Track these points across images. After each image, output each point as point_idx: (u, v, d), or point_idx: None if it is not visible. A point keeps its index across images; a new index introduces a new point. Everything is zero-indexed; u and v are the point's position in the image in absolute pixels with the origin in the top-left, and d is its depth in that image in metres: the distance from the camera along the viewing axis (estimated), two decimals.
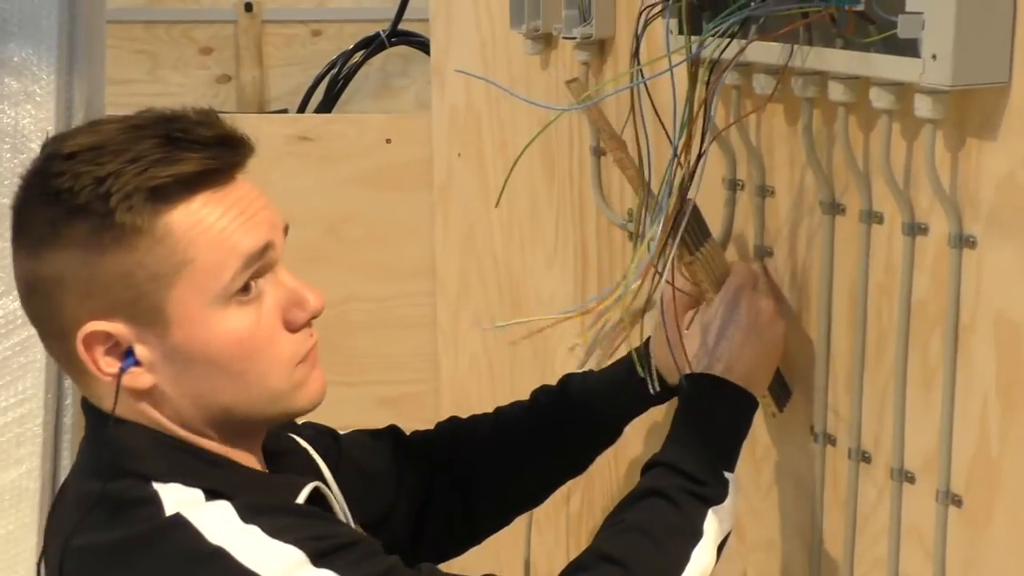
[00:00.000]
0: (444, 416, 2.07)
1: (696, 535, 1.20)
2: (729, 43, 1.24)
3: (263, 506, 1.07)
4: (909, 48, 1.09)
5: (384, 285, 2.10)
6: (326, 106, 2.34)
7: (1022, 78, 1.07)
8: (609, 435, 1.45)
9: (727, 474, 1.24)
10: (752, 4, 1.21)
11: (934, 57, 1.06)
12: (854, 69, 1.16)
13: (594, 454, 1.46)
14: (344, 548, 1.06)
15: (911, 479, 1.26)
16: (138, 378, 1.09)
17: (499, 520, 1.47)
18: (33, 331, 1.87)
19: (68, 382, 1.96)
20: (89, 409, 1.15)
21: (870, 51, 1.14)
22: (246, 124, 2.10)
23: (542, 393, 1.46)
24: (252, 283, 1.10)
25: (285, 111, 4.41)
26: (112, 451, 1.10)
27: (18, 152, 1.90)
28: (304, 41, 4.55)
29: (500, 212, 1.90)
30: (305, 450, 1.27)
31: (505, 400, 1.96)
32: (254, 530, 1.04)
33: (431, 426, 2.00)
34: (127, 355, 1.08)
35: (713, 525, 1.21)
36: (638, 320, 1.38)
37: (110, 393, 1.09)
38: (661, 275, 1.34)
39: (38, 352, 1.92)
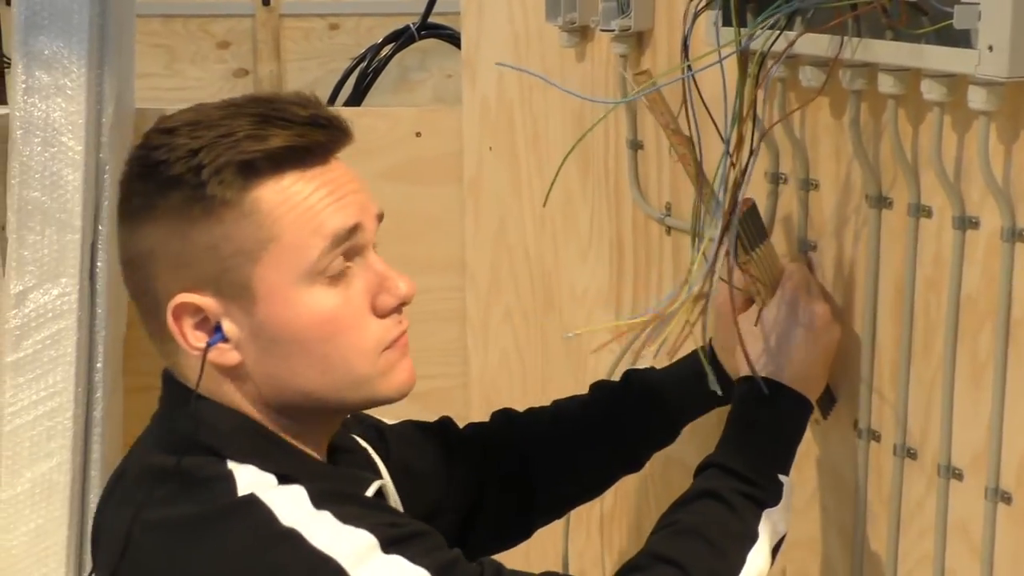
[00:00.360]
0: (474, 411, 2.07)
1: (751, 537, 1.19)
2: (778, 36, 1.23)
3: (335, 493, 1.07)
4: (963, 39, 1.08)
5: (414, 279, 2.09)
6: (355, 99, 2.33)
7: None
8: (668, 433, 1.44)
9: (782, 477, 1.23)
10: None
11: (990, 48, 1.05)
12: (906, 61, 1.15)
13: (652, 451, 1.45)
14: (413, 537, 1.07)
15: (959, 476, 1.24)
16: (224, 354, 1.09)
17: (554, 514, 1.46)
18: (64, 324, 1.91)
19: (99, 376, 1.96)
20: (170, 383, 1.15)
21: (922, 42, 1.12)
22: None
23: (602, 387, 1.46)
24: (341, 264, 1.09)
25: None
26: (191, 426, 1.10)
27: (48, 145, 1.90)
28: (321, 35, 4.55)
29: (532, 206, 1.89)
30: (365, 449, 1.27)
31: (535, 396, 1.96)
32: (326, 515, 1.04)
33: (461, 421, 2.00)
34: (216, 330, 1.09)
35: (767, 528, 1.20)
36: (700, 320, 1.36)
37: (196, 367, 1.09)
38: (715, 273, 1.32)
39: (69, 346, 1.91)
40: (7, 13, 3.47)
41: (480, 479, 1.39)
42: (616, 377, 1.49)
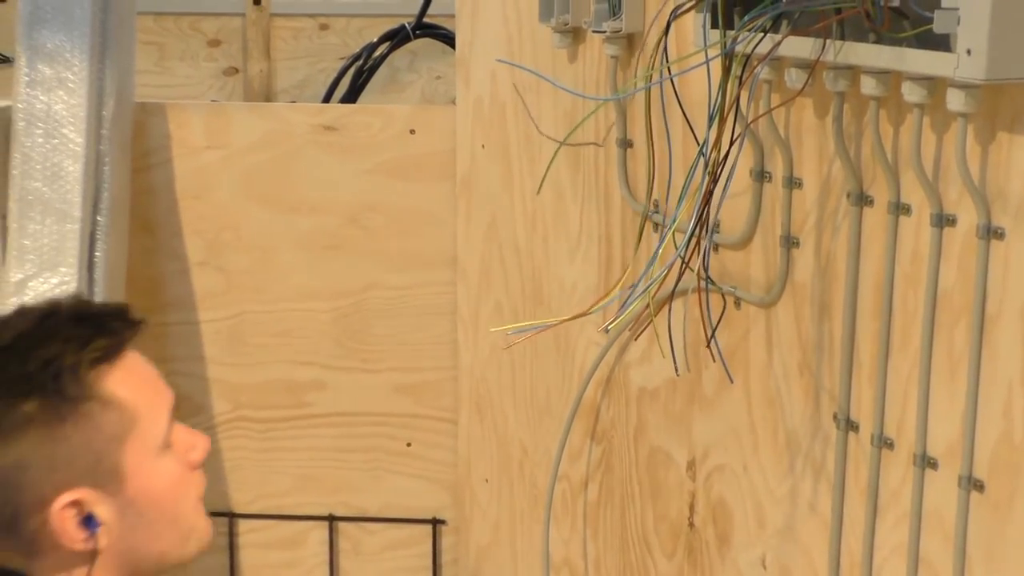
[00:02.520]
0: (463, 404, 2.11)
1: None
2: (762, 38, 1.27)
3: None
4: (943, 43, 1.12)
5: (405, 274, 2.13)
6: (350, 97, 2.37)
7: None
8: None
9: None
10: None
11: (969, 52, 1.09)
12: (887, 63, 1.20)
13: None
14: None
15: (934, 465, 1.29)
16: (99, 540, 1.17)
17: None
18: None
19: None
20: None
21: (903, 45, 1.17)
22: (273, 113, 2.15)
23: None
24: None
25: (294, 103, 4.43)
26: None
27: (51, 137, 1.93)
28: (312, 34, 4.58)
29: (523, 203, 1.93)
30: None
31: (523, 390, 2.00)
32: None
33: (451, 413, 2.03)
34: (87, 520, 1.15)
35: None
36: (661, 308, 1.42)
37: (68, 562, 1.15)
38: (686, 263, 1.37)
39: None
40: (6, 9, 3.50)
41: None
42: (600, 370, 1.53)
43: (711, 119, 1.31)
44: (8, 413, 1.13)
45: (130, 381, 1.18)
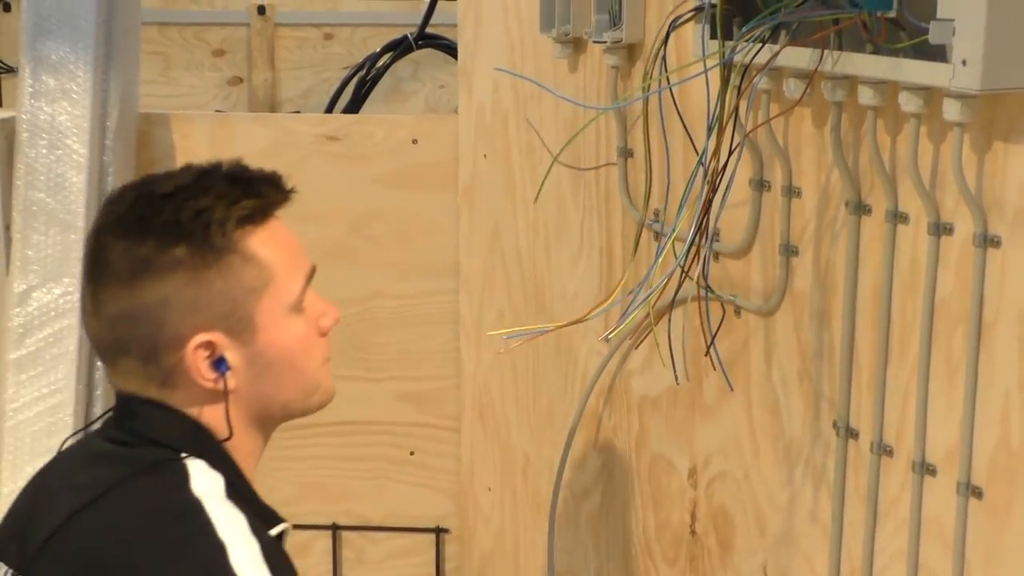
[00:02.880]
0: (465, 412, 2.12)
1: None
2: (761, 48, 1.28)
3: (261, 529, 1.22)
4: (939, 53, 1.13)
5: (408, 283, 2.14)
6: (354, 107, 2.38)
7: None
8: None
9: None
10: (783, 10, 1.26)
11: (964, 62, 1.11)
12: (885, 74, 1.21)
13: None
14: None
15: (932, 472, 1.29)
16: (229, 381, 1.25)
17: None
18: (66, 323, 1.96)
19: (99, 373, 2.00)
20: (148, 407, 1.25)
21: (900, 56, 1.18)
22: (276, 123, 2.16)
23: None
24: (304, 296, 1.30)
25: (297, 113, 4.44)
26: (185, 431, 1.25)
27: (54, 148, 1.95)
28: (316, 44, 4.59)
29: (525, 212, 1.94)
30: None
31: (526, 397, 2.01)
32: (254, 545, 1.18)
33: (454, 421, 2.05)
34: (219, 362, 1.24)
35: None
36: (662, 318, 1.43)
37: (198, 399, 1.24)
38: (685, 272, 1.38)
39: (71, 344, 1.96)
40: (11, 20, 3.52)
41: None
42: (602, 378, 1.55)
43: (710, 129, 1.32)
44: (159, 255, 1.21)
45: (271, 242, 1.25)
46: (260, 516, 1.24)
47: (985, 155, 1.19)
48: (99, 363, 2.02)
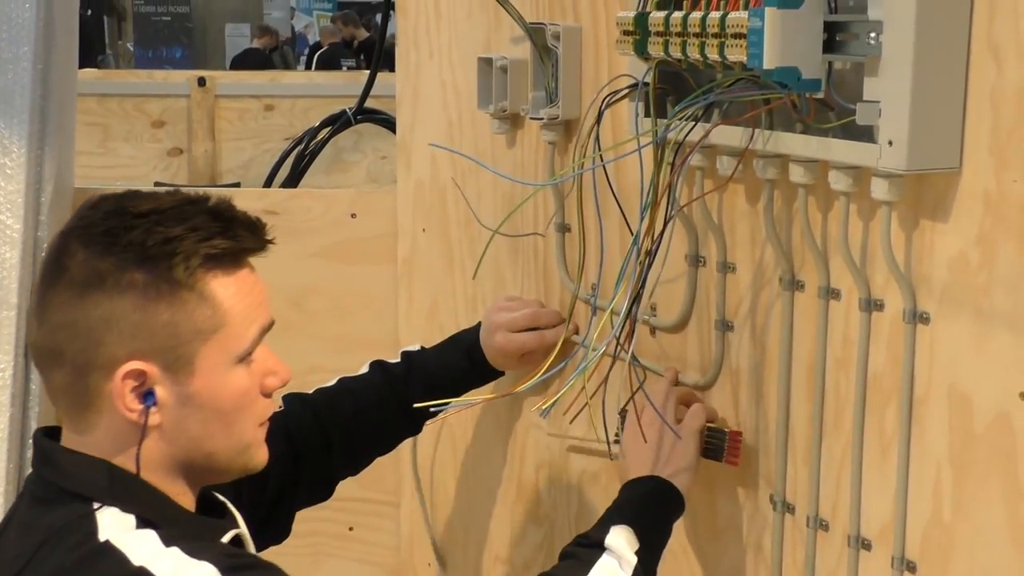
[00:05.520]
0: (405, 486, 2.11)
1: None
2: (694, 126, 1.30)
3: (187, 535, 1.20)
4: (866, 134, 1.16)
5: (347, 356, 2.12)
6: (292, 181, 2.39)
7: (972, 163, 1.14)
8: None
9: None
10: (716, 90, 1.28)
11: (890, 143, 1.13)
12: (814, 153, 1.23)
13: (426, 418, 1.67)
14: (254, 568, 1.21)
15: (867, 546, 1.30)
16: (152, 416, 1.22)
17: (353, 472, 1.69)
18: (2, 398, 1.92)
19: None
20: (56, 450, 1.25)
21: (829, 136, 1.20)
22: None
23: (384, 369, 1.73)
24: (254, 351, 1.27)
25: (238, 184, 4.44)
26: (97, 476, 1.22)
27: None
28: (256, 115, 4.60)
29: (465, 285, 1.95)
30: (224, 503, 1.36)
31: (467, 473, 2.00)
32: (174, 550, 1.17)
33: (393, 496, 2.04)
34: (147, 395, 1.21)
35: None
36: (596, 391, 1.44)
37: (120, 430, 1.21)
38: (620, 345, 1.39)
39: (2, 414, 1.93)
40: None
41: (294, 455, 1.58)
42: (541, 452, 1.54)
43: (644, 208, 1.33)
44: (116, 273, 1.19)
45: (233, 288, 1.22)
46: (200, 530, 1.23)
47: (913, 232, 1.21)
48: (32, 423, 1.99)
